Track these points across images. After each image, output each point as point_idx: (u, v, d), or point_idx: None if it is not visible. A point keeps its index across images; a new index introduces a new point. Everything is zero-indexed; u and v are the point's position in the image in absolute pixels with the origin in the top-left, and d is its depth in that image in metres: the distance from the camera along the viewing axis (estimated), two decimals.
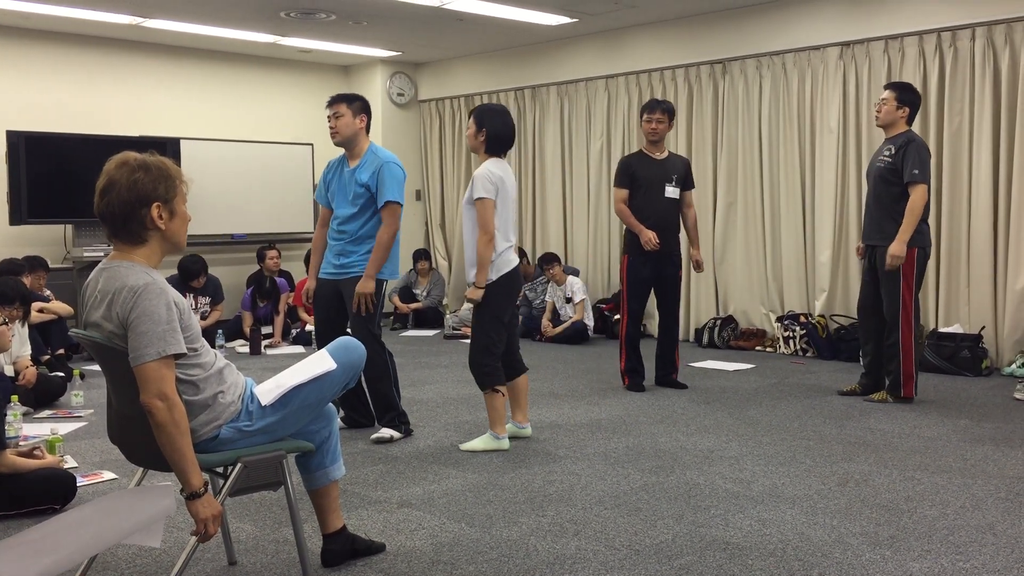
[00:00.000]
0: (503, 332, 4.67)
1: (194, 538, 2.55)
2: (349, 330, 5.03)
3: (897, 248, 5.32)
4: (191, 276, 8.16)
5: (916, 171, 5.31)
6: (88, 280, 2.66)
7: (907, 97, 5.48)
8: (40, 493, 3.64)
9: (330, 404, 3.03)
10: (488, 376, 4.63)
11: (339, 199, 4.98)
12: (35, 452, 3.80)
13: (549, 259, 8.54)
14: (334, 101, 4.95)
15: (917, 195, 5.31)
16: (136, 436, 2.64)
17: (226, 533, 3.16)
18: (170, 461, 2.50)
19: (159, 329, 2.48)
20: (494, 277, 4.59)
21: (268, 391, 2.76)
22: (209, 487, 2.55)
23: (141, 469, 2.88)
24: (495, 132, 4.64)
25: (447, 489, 3.99)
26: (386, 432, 4.87)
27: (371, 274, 4.82)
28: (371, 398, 4.99)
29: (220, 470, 2.75)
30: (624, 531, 3.44)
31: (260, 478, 2.73)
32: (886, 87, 5.61)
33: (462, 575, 3.04)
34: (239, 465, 2.66)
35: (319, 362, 2.84)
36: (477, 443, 4.67)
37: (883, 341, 5.62)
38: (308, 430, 2.95)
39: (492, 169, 4.60)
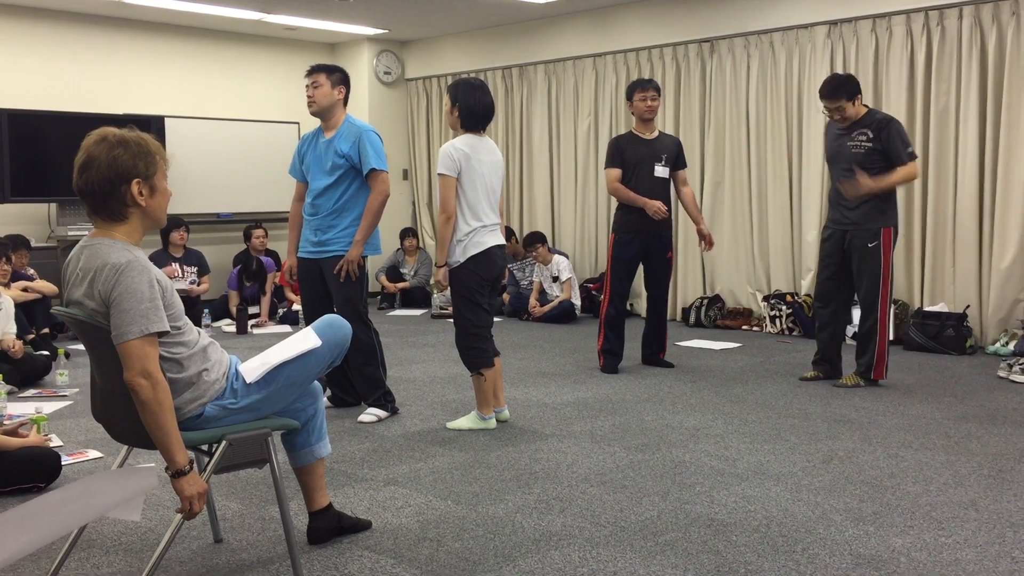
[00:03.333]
0: (482, 314, 4.60)
1: (179, 516, 2.55)
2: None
3: (874, 185, 5.24)
4: (169, 228, 8.12)
5: (910, 149, 5.31)
6: (69, 257, 2.64)
7: (854, 90, 5.37)
8: (24, 472, 3.63)
9: (316, 382, 3.02)
10: (474, 358, 4.62)
11: (315, 171, 4.90)
12: (20, 431, 3.78)
13: (533, 240, 8.53)
14: (314, 71, 4.91)
15: (914, 168, 5.31)
16: (120, 414, 2.63)
17: (212, 511, 3.16)
18: (154, 439, 2.49)
19: (142, 307, 2.46)
20: (462, 259, 4.53)
21: (253, 369, 2.75)
22: (194, 465, 2.54)
23: (126, 447, 2.86)
24: (467, 107, 4.56)
25: (433, 467, 4.00)
26: (372, 413, 4.87)
27: (360, 240, 4.78)
28: (356, 379, 4.98)
29: (205, 448, 2.74)
30: (610, 508, 3.45)
31: (245, 456, 2.72)
32: (824, 97, 5.40)
33: (448, 552, 3.05)
34: (224, 443, 2.65)
35: (304, 340, 2.83)
36: (463, 422, 4.67)
37: (842, 325, 5.68)
38: (294, 408, 2.95)
39: (458, 144, 4.52)
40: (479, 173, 4.53)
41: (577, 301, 8.47)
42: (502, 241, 4.68)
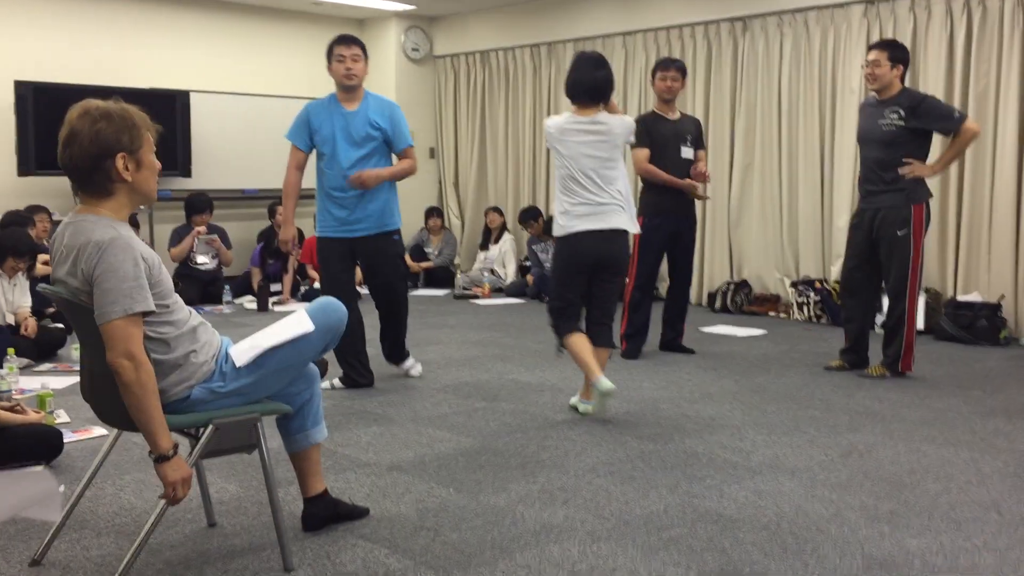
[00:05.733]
0: (561, 291, 4.47)
1: (163, 501, 2.49)
2: (364, 288, 5.17)
3: (930, 171, 5.18)
4: (196, 210, 8.18)
5: (956, 113, 5.14)
6: (55, 234, 2.57)
7: (899, 55, 5.20)
8: (24, 449, 3.59)
9: (312, 365, 2.94)
10: (557, 333, 4.52)
11: (342, 143, 4.86)
12: (16, 408, 3.75)
13: (550, 228, 8.43)
14: (353, 42, 4.92)
15: (972, 126, 5.09)
16: (107, 395, 2.55)
17: (205, 494, 3.10)
18: (137, 422, 2.43)
19: (125, 286, 2.39)
20: (558, 234, 4.47)
21: (243, 352, 2.67)
22: (179, 449, 2.47)
23: (116, 430, 2.79)
24: (568, 80, 4.46)
25: (439, 453, 3.91)
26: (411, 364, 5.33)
27: (385, 176, 4.88)
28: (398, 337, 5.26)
29: (192, 431, 2.67)
30: (615, 500, 3.35)
31: (233, 441, 2.65)
32: (873, 47, 5.29)
33: (444, 542, 2.96)
34: (211, 427, 2.58)
35: (297, 323, 2.74)
36: (586, 401, 4.52)
37: (870, 314, 5.55)
38: (288, 392, 2.87)
39: (548, 121, 4.47)
40: (563, 153, 4.40)
41: None
42: (607, 225, 4.37)
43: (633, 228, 4.52)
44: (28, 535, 3.00)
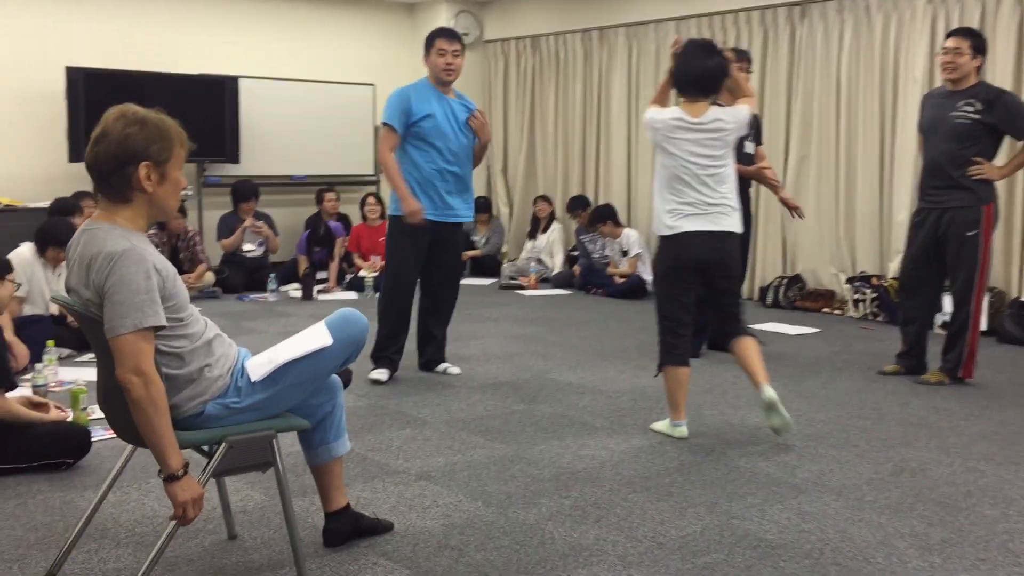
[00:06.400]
0: (668, 303, 4.13)
1: (173, 522, 2.41)
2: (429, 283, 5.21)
3: (998, 174, 4.94)
4: (242, 197, 8.24)
5: None
6: (71, 241, 2.50)
7: (981, 44, 4.92)
8: (51, 447, 3.55)
9: (334, 376, 2.84)
10: (660, 351, 4.19)
11: (454, 131, 4.95)
12: (42, 405, 3.71)
13: (597, 218, 8.29)
14: (456, 37, 5.00)
15: None
16: (119, 408, 2.48)
17: (226, 506, 3.02)
18: (146, 440, 2.35)
19: (136, 299, 2.30)
20: (663, 234, 4.16)
21: (259, 366, 2.58)
22: (188, 468, 2.39)
23: (129, 447, 2.72)
24: (676, 70, 4.13)
25: (471, 461, 3.80)
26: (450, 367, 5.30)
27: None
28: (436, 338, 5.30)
29: (205, 448, 2.58)
30: (650, 519, 3.20)
31: (248, 458, 2.56)
32: (953, 34, 5.00)
33: (468, 563, 2.85)
34: (224, 444, 2.49)
35: (315, 337, 2.64)
36: (660, 425, 4.24)
37: (930, 317, 5.37)
38: (310, 404, 2.78)
39: (656, 115, 4.12)
40: (672, 152, 4.09)
41: (648, 276, 8.16)
42: (717, 227, 4.06)
43: (741, 229, 4.22)
44: (47, 544, 2.96)
